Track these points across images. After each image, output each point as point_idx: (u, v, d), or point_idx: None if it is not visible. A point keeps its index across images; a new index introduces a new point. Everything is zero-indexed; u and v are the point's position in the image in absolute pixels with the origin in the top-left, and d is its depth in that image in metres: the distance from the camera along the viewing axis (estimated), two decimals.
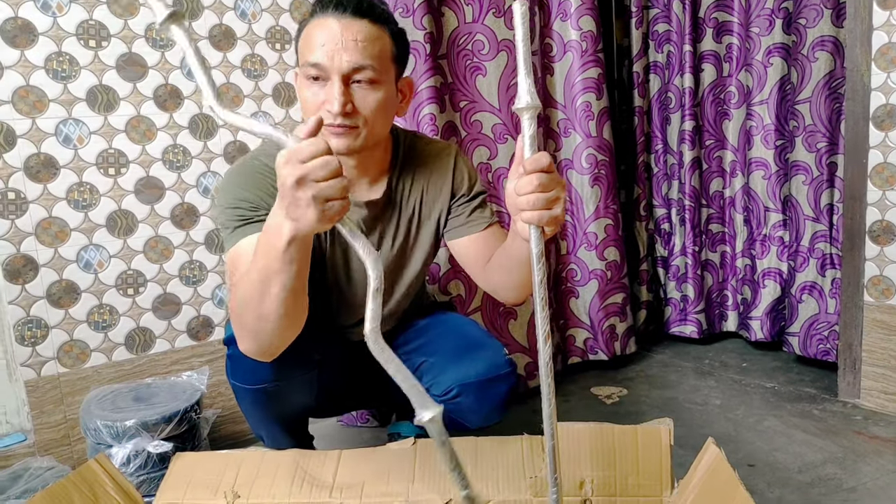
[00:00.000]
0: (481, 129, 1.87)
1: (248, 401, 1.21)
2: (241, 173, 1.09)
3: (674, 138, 2.30)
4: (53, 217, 1.49)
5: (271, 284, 0.86)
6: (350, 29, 1.00)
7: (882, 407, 1.71)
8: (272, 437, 1.29)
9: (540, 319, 0.79)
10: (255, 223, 1.02)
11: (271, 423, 1.26)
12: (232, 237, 1.03)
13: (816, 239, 2.00)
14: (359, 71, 1.01)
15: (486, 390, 1.20)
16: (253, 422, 1.29)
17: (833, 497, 1.33)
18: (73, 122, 1.49)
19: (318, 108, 1.02)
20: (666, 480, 1.08)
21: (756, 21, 2.08)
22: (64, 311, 1.52)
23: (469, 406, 1.21)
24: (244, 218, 1.03)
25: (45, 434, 1.51)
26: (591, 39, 2.00)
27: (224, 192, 1.07)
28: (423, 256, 1.25)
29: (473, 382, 1.19)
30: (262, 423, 1.27)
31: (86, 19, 1.48)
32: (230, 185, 1.08)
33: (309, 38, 1.02)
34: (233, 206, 1.05)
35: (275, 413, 1.23)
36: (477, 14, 1.82)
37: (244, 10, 1.66)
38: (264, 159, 1.10)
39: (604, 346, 2.13)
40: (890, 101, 1.61)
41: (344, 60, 0.99)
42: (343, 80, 1.00)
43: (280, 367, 1.09)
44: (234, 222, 1.04)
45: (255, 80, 1.70)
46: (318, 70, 1.00)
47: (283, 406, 1.22)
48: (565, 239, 2.12)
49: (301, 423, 1.37)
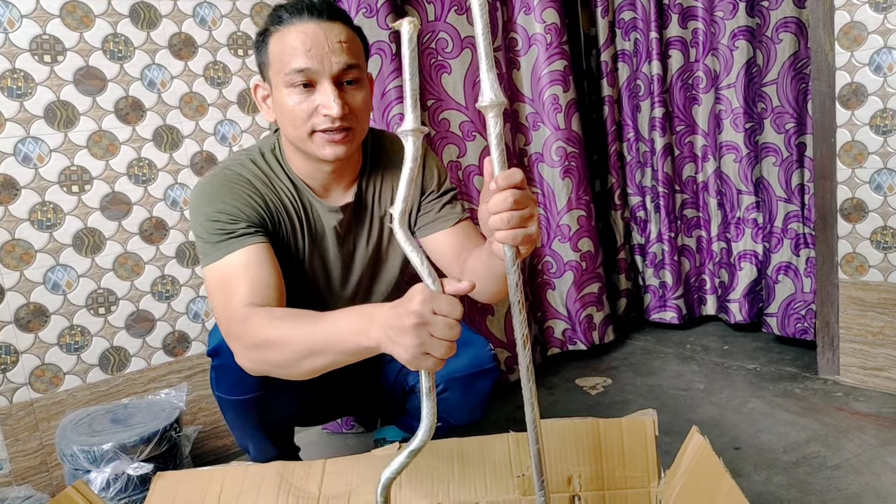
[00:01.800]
0: (449, 128, 1.86)
1: (234, 412, 1.20)
2: (214, 184, 1.07)
3: (645, 126, 2.31)
4: (17, 239, 1.45)
5: (321, 356, 0.85)
6: (332, 31, 1.00)
7: (861, 382, 1.73)
8: (258, 448, 1.27)
9: (517, 324, 0.77)
10: (237, 238, 1.01)
11: (257, 433, 1.24)
12: (214, 252, 1.01)
13: (789, 219, 2.02)
14: (347, 72, 1.01)
15: (471, 385, 1.20)
16: (238, 433, 1.27)
17: (818, 475, 1.35)
18: (31, 141, 1.45)
19: (310, 116, 1.01)
20: (653, 471, 1.08)
21: (720, 5, 2.08)
22: (34, 334, 1.48)
23: (456, 401, 1.21)
24: (226, 232, 1.02)
25: (22, 462, 1.47)
26: (555, 32, 2.00)
27: (200, 205, 1.05)
28: (400, 256, 1.24)
29: (459, 377, 1.19)
30: (248, 434, 1.25)
31: (39, 34, 1.43)
32: (206, 196, 1.05)
33: (287, 45, 1.00)
34: (212, 219, 1.03)
35: (261, 423, 1.22)
36: (439, 12, 1.81)
37: (203, 17, 1.63)
38: (237, 169, 1.09)
39: (582, 336, 2.15)
40: (855, 79, 1.62)
41: (334, 62, 0.99)
42: (334, 83, 1.00)
43: (267, 379, 1.06)
44: (216, 236, 1.02)
45: (219, 87, 1.67)
46: (306, 75, 0.99)
47: (269, 416, 1.21)
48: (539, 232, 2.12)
49: (287, 433, 1.35)
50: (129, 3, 1.53)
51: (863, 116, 1.62)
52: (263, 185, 1.09)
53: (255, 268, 0.99)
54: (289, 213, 1.11)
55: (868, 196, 1.65)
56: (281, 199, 1.11)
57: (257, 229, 1.04)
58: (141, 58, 1.56)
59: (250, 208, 1.05)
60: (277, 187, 1.11)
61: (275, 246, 1.05)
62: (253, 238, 1.02)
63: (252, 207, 1.05)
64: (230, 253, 1.00)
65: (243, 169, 1.10)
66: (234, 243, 1.01)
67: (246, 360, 0.95)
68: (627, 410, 1.70)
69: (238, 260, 0.99)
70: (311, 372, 0.89)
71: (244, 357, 0.94)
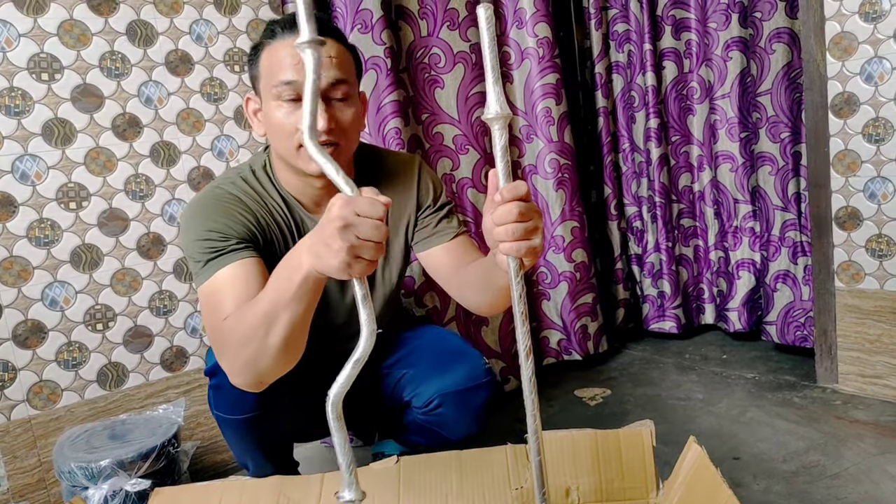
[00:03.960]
0: (443, 141, 1.89)
1: (233, 431, 1.19)
2: (205, 204, 1.07)
3: (640, 136, 2.32)
4: (15, 256, 1.45)
5: (279, 318, 0.85)
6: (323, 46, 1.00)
7: (860, 390, 1.73)
8: (258, 465, 1.27)
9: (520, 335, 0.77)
10: (227, 254, 1.01)
11: (256, 452, 1.24)
12: (205, 271, 1.01)
13: (786, 228, 2.02)
14: (336, 87, 1.01)
15: (466, 399, 1.20)
16: (238, 452, 1.27)
17: (818, 484, 1.34)
18: (29, 158, 1.45)
19: (297, 129, 1.00)
20: (651, 482, 1.08)
21: (713, 16, 2.10)
22: (31, 351, 1.48)
23: (451, 416, 1.21)
24: (216, 249, 1.01)
25: (20, 479, 1.47)
26: (547, 46, 2.02)
27: (191, 224, 1.05)
28: (397, 270, 1.24)
29: (453, 392, 1.19)
30: (247, 452, 1.25)
31: (37, 52, 1.45)
32: (196, 216, 1.05)
33: (277, 59, 1.00)
34: (202, 238, 1.02)
35: (260, 442, 1.21)
36: (432, 28, 1.83)
37: (200, 34, 1.64)
38: (227, 187, 1.09)
39: (577, 347, 2.16)
40: (846, 88, 1.63)
41: (323, 76, 0.98)
42: (322, 98, 0.99)
43: (265, 397, 1.07)
44: (206, 255, 1.01)
45: (216, 103, 1.68)
46: (294, 88, 0.99)
47: (267, 434, 1.20)
48: None
49: (286, 449, 1.35)
50: (126, 21, 1.54)
51: (855, 125, 1.63)
52: (254, 203, 1.09)
53: (242, 282, 0.98)
54: (280, 229, 1.12)
55: (862, 204, 1.66)
56: (272, 216, 1.11)
57: (247, 245, 1.03)
58: (138, 75, 1.57)
59: (241, 225, 1.05)
60: (268, 204, 1.11)
61: (268, 263, 1.05)
62: (242, 253, 1.01)
63: (242, 224, 1.05)
64: (219, 270, 1.00)
65: (233, 187, 1.10)
66: (223, 260, 1.00)
67: (234, 375, 0.94)
68: (626, 421, 1.69)
69: (226, 275, 0.99)
70: (288, 342, 0.88)
71: (230, 370, 0.94)
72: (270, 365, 0.90)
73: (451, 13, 1.84)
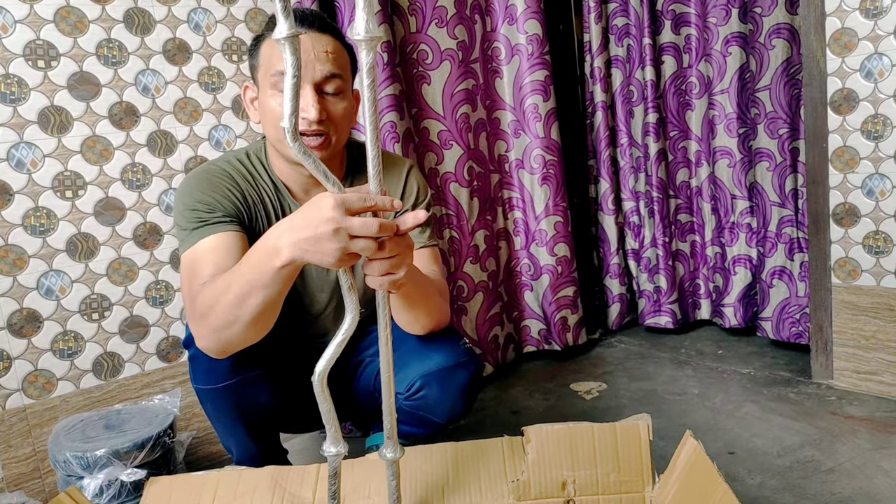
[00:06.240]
0: (429, 136, 1.93)
1: (211, 403, 1.21)
2: (198, 177, 1.13)
3: (638, 131, 2.32)
4: (10, 245, 1.44)
5: (252, 296, 0.88)
6: (320, 41, 1.05)
7: (854, 386, 1.74)
8: (241, 443, 1.27)
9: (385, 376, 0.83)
10: (211, 225, 1.06)
11: (237, 427, 1.24)
12: (189, 238, 1.06)
13: (783, 224, 2.03)
14: (329, 81, 1.06)
15: (448, 378, 1.21)
16: (220, 429, 1.27)
17: (812, 479, 1.35)
18: (25, 146, 1.44)
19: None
20: (647, 476, 1.08)
21: (713, 11, 2.10)
22: (27, 340, 1.47)
23: (434, 397, 1.21)
24: (201, 220, 1.07)
25: (14, 468, 1.46)
26: (537, 42, 2.03)
27: (181, 196, 1.10)
28: None
29: (434, 372, 1.20)
30: (228, 429, 1.25)
31: (33, 39, 1.43)
32: (188, 188, 1.11)
33: (275, 49, 1.05)
34: (190, 209, 1.08)
35: (238, 413, 1.21)
36: (421, 24, 1.85)
37: (198, 23, 1.63)
38: (222, 164, 1.15)
39: (557, 338, 2.20)
40: (846, 85, 1.63)
41: (318, 70, 1.04)
42: (315, 89, 1.04)
43: (237, 364, 1.12)
44: (192, 224, 1.07)
45: (214, 93, 1.67)
46: None
47: (246, 405, 1.21)
48: (518, 235, 2.20)
49: (270, 433, 1.34)
50: (123, 8, 1.53)
51: (854, 122, 1.63)
52: (244, 181, 1.14)
53: (223, 252, 1.03)
54: (266, 209, 1.16)
55: (860, 201, 1.66)
56: (260, 196, 1.16)
57: (232, 219, 1.08)
58: (135, 63, 1.56)
59: (228, 200, 1.10)
60: (259, 185, 1.16)
61: (251, 239, 1.07)
62: (226, 226, 1.06)
63: (230, 200, 1.11)
64: (202, 238, 1.04)
65: (227, 165, 1.15)
66: (207, 230, 1.05)
67: (200, 338, 0.97)
68: (622, 415, 1.70)
69: (207, 244, 1.04)
70: (259, 318, 0.90)
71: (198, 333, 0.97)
72: (239, 335, 0.94)
73: (439, 10, 1.87)
